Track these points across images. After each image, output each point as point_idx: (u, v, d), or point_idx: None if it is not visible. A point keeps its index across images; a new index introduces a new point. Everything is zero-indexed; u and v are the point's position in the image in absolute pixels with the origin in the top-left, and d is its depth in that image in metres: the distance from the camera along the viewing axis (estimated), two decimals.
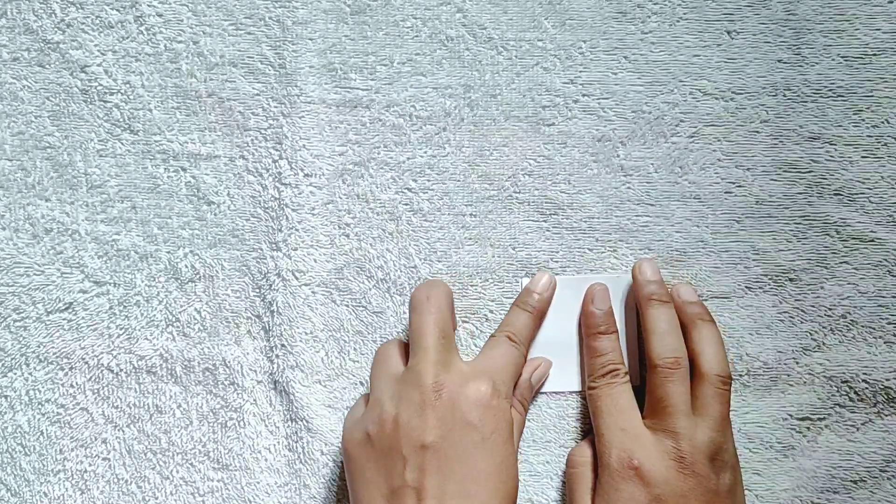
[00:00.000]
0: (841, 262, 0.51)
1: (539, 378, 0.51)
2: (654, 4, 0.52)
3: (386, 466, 0.44)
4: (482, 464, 0.44)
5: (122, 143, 0.53)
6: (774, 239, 0.52)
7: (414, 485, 0.43)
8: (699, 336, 0.48)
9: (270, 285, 0.52)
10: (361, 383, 0.52)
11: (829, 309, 0.51)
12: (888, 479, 0.50)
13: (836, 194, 0.51)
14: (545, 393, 0.51)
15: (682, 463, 0.44)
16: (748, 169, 0.52)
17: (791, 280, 0.51)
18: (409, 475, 0.44)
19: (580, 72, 0.52)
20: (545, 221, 0.52)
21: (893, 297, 0.51)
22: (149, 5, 0.53)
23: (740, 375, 0.51)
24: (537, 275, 0.51)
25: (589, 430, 0.50)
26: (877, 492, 0.50)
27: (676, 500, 0.44)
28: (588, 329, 0.50)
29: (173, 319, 0.53)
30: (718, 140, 0.52)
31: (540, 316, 0.51)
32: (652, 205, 0.52)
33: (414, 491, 0.43)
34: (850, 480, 0.50)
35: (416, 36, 0.53)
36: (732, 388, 0.51)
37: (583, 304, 0.51)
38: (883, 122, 0.51)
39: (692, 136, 0.52)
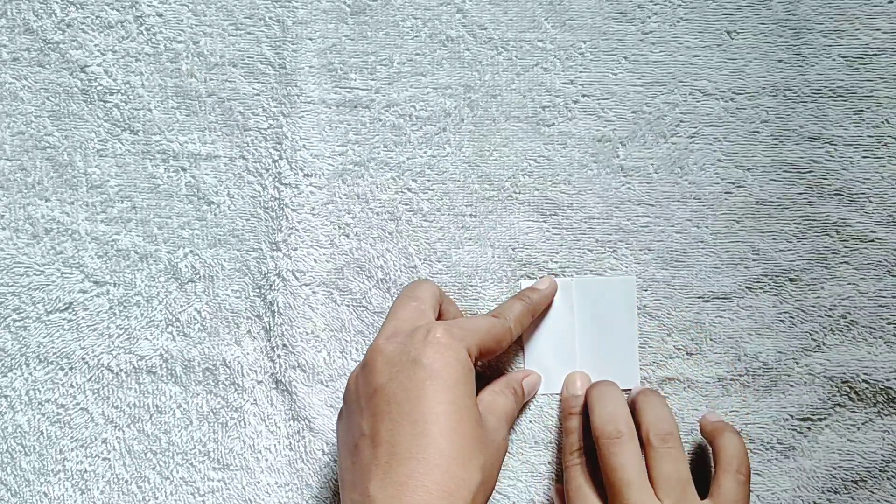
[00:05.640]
0: (841, 262, 0.51)
1: (529, 385, 0.50)
2: (654, 5, 0.52)
3: (350, 423, 0.44)
4: (434, 403, 0.41)
5: (122, 143, 0.53)
6: (774, 239, 0.52)
7: (368, 433, 0.42)
8: (639, 404, 0.48)
9: (271, 285, 0.52)
10: None
11: (830, 309, 0.51)
12: (888, 478, 0.50)
13: (836, 194, 0.51)
14: (546, 394, 0.51)
15: None
16: (748, 169, 0.52)
17: (791, 280, 0.51)
18: (364, 424, 0.42)
19: (580, 72, 0.52)
20: (545, 222, 0.52)
21: (893, 297, 0.51)
22: (149, 5, 0.53)
23: (740, 375, 0.51)
24: (542, 278, 0.52)
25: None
26: (877, 492, 0.50)
27: None
28: (563, 411, 0.50)
29: (173, 319, 0.53)
30: (718, 140, 0.52)
31: (534, 309, 0.50)
32: (652, 205, 0.52)
33: (369, 439, 0.42)
34: (851, 480, 0.50)
35: (416, 36, 0.53)
36: (733, 390, 0.51)
37: (563, 389, 0.51)
38: (883, 122, 0.51)
39: (692, 137, 0.52)
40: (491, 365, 0.52)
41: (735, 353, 0.51)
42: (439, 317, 0.48)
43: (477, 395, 0.47)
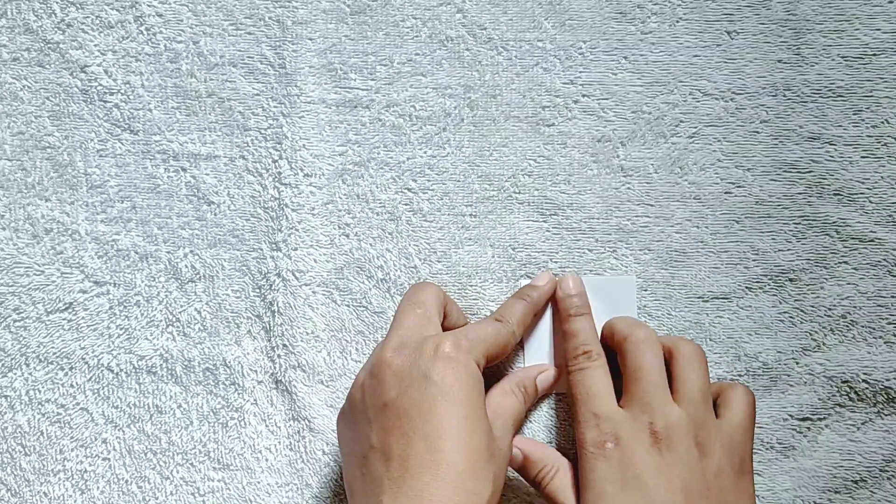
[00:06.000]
0: (841, 262, 0.51)
1: (545, 381, 0.50)
2: (654, 5, 0.52)
3: (357, 433, 0.44)
4: (446, 418, 0.41)
5: (122, 143, 0.53)
6: (774, 239, 0.52)
7: (379, 446, 0.42)
8: (663, 338, 0.49)
9: (271, 285, 0.52)
10: None
11: (829, 309, 0.51)
12: (888, 478, 0.50)
13: (836, 194, 0.51)
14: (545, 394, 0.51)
15: (656, 438, 0.44)
16: (748, 169, 0.52)
17: (791, 280, 0.51)
18: (374, 437, 0.42)
19: (580, 72, 0.53)
20: (545, 222, 0.52)
21: (893, 297, 0.51)
22: (149, 5, 0.53)
23: (740, 375, 0.51)
24: (540, 273, 0.52)
25: None
26: (877, 491, 0.50)
27: (655, 477, 0.43)
28: (561, 314, 0.50)
29: (173, 319, 0.53)
30: (718, 140, 0.52)
31: (535, 307, 0.50)
32: (652, 205, 0.52)
33: (379, 452, 0.42)
34: (851, 480, 0.50)
35: (416, 36, 0.53)
36: None
37: (555, 292, 0.51)
38: (883, 122, 0.51)
39: (692, 137, 0.52)
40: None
41: (735, 353, 0.51)
42: (443, 319, 0.48)
43: (486, 392, 0.47)
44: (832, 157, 0.51)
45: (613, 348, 0.49)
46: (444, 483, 0.40)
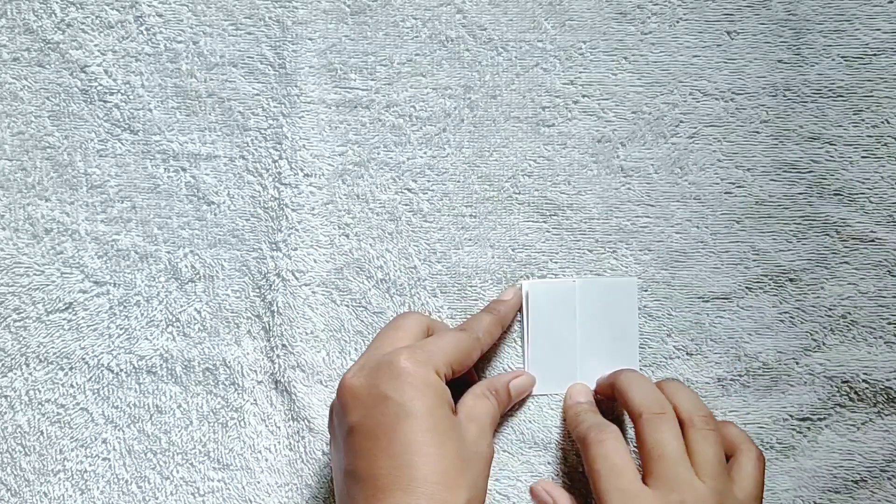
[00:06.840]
0: (841, 262, 0.51)
1: (519, 387, 0.50)
2: (654, 5, 0.52)
3: (334, 455, 0.45)
4: (411, 435, 0.41)
5: (122, 143, 0.53)
6: (774, 239, 0.52)
7: (350, 469, 0.42)
8: (670, 390, 0.48)
9: (270, 285, 0.52)
10: None
11: (830, 309, 0.51)
12: (889, 478, 0.50)
13: (836, 194, 0.51)
14: (546, 395, 0.51)
15: None
16: (748, 169, 0.52)
17: (791, 280, 0.51)
18: (345, 460, 0.43)
19: (580, 73, 0.53)
20: (545, 222, 0.52)
21: (893, 297, 0.51)
22: (149, 5, 0.53)
23: (740, 375, 0.51)
24: (507, 289, 0.52)
25: None
26: (877, 491, 0.50)
27: None
28: (569, 419, 0.50)
29: (173, 319, 0.53)
30: (718, 140, 0.52)
31: (502, 320, 0.50)
32: (652, 205, 0.52)
33: (351, 475, 0.42)
34: (851, 480, 0.50)
35: (416, 36, 0.53)
36: (733, 390, 0.51)
37: (565, 399, 0.51)
38: (883, 122, 0.51)
39: (692, 137, 0.52)
40: (490, 365, 0.52)
41: (735, 353, 0.51)
42: None
43: (460, 398, 0.47)
44: (832, 157, 0.51)
45: (612, 397, 0.49)
46: (416, 497, 0.40)
